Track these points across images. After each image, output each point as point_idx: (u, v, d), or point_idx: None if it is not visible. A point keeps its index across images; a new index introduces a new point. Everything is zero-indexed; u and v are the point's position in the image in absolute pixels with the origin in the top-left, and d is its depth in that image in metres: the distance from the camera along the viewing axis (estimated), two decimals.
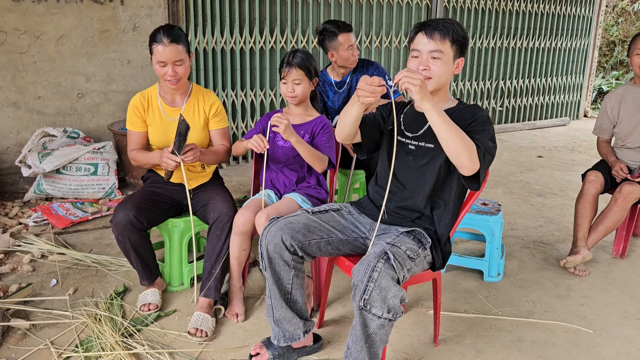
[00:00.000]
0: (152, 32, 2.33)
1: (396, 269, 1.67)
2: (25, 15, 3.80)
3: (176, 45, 2.30)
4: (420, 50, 1.86)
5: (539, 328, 2.35)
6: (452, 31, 1.84)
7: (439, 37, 1.83)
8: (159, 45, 2.28)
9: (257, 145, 2.24)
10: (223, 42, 4.67)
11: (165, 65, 2.31)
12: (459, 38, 1.86)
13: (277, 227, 1.90)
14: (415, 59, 1.88)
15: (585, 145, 6.27)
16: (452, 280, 2.77)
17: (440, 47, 1.83)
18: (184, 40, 2.35)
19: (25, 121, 3.97)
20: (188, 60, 2.39)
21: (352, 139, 2.01)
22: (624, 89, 3.08)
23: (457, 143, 1.70)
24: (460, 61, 1.90)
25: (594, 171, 3.01)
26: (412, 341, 2.23)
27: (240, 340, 2.21)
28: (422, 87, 1.64)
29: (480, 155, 1.75)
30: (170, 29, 2.32)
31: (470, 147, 1.72)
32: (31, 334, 2.17)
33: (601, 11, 7.76)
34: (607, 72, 10.01)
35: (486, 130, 1.85)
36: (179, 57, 2.32)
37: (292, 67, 2.36)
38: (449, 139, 1.70)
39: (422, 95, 1.65)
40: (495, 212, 2.79)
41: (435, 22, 1.86)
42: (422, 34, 1.86)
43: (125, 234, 2.28)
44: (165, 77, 2.35)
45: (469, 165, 1.73)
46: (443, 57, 1.84)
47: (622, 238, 3.09)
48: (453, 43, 1.85)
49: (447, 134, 1.69)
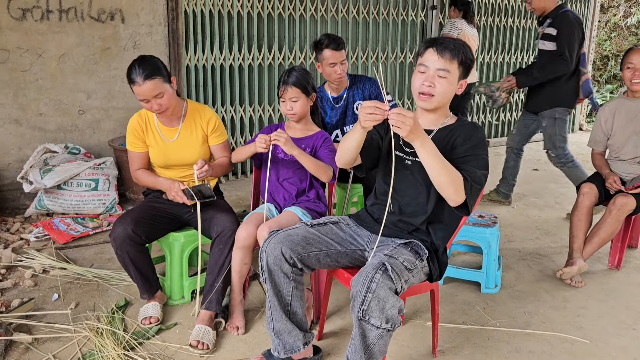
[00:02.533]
0: (127, 70, 2.30)
1: (394, 280, 1.70)
2: (28, 34, 3.86)
3: (151, 81, 2.26)
4: (429, 67, 1.89)
5: (536, 339, 2.38)
6: (462, 53, 1.88)
7: (449, 57, 1.86)
8: (135, 86, 2.27)
9: (261, 144, 2.27)
10: (222, 59, 4.74)
11: (147, 102, 2.31)
12: (467, 60, 1.89)
13: (277, 239, 1.93)
14: (422, 74, 1.90)
15: (580, 158, 6.28)
16: (449, 292, 2.80)
17: (449, 67, 1.87)
18: (160, 71, 2.30)
19: (27, 138, 4.01)
20: (170, 88, 2.35)
21: (353, 164, 2.05)
22: (617, 102, 3.15)
23: (443, 178, 1.78)
24: (463, 82, 1.94)
25: (588, 183, 3.06)
26: (410, 352, 2.25)
27: (241, 352, 2.23)
28: (412, 130, 1.67)
29: (467, 188, 1.82)
30: (142, 64, 2.27)
31: (456, 182, 1.79)
32: (33, 348, 2.19)
33: (594, 26, 7.88)
34: (601, 86, 10.11)
35: (478, 156, 1.89)
36: (157, 92, 2.29)
37: (288, 86, 2.40)
38: (437, 174, 1.78)
39: (412, 137, 1.70)
40: (491, 225, 2.83)
41: (446, 41, 1.89)
42: (433, 51, 1.88)
43: (123, 248, 2.32)
44: (151, 110, 2.37)
45: (454, 197, 1.82)
46: (449, 77, 1.88)
47: (617, 249, 3.12)
48: (460, 64, 1.89)
49: (435, 170, 1.77)
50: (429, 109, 1.95)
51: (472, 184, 1.84)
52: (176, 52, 4.41)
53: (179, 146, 2.51)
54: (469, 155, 1.88)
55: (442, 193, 1.84)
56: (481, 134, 1.95)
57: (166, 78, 2.34)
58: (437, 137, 1.96)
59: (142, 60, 2.31)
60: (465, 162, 1.87)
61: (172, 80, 2.39)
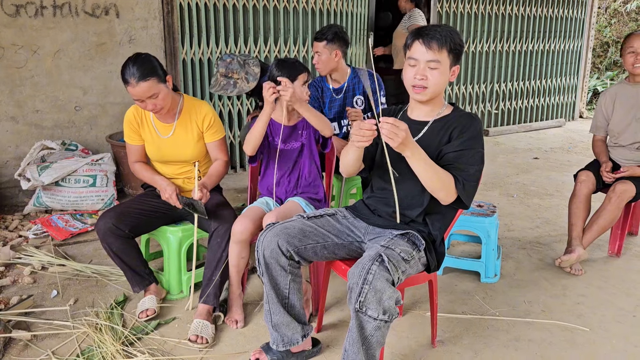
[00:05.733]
0: (122, 69, 2.26)
1: (390, 271, 1.69)
2: (22, 30, 3.84)
3: (145, 82, 2.22)
4: (418, 59, 1.86)
5: (536, 327, 2.37)
6: (450, 40, 1.83)
7: (437, 47, 1.82)
8: (129, 87, 2.24)
9: (268, 91, 2.25)
10: (218, 52, 4.71)
11: (142, 102, 2.29)
12: (456, 47, 1.86)
13: (273, 232, 1.92)
14: (412, 67, 1.88)
15: (581, 146, 6.31)
16: (449, 282, 2.80)
17: (438, 57, 1.83)
18: (154, 71, 2.26)
19: (24, 135, 4.00)
20: (165, 88, 2.32)
21: (357, 173, 2.09)
22: (618, 87, 3.12)
23: (435, 184, 1.83)
24: (456, 69, 1.91)
25: (585, 171, 3.05)
26: (409, 343, 2.25)
27: (240, 346, 2.23)
28: (403, 142, 1.70)
29: (459, 188, 1.85)
30: (137, 64, 2.23)
31: (447, 185, 1.83)
32: (33, 345, 2.19)
33: (593, 13, 7.83)
34: (601, 73, 10.07)
35: (474, 149, 1.87)
36: (151, 93, 2.26)
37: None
38: (428, 181, 1.83)
39: (403, 147, 1.72)
40: (490, 214, 2.82)
41: (432, 30, 1.84)
42: (420, 43, 1.85)
43: (105, 240, 2.38)
44: (146, 110, 2.35)
45: (446, 199, 1.87)
46: (440, 67, 1.84)
47: (617, 236, 3.11)
48: (450, 52, 1.85)
49: (426, 177, 1.81)
50: (424, 100, 1.93)
51: (464, 183, 1.85)
52: (172, 46, 4.39)
53: (173, 143, 2.50)
54: (465, 150, 1.87)
55: (433, 195, 1.88)
56: (478, 125, 1.92)
57: (161, 78, 2.30)
58: (433, 129, 1.94)
59: (137, 59, 2.25)
60: (460, 157, 1.86)
61: (167, 79, 2.35)
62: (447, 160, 1.87)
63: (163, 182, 2.45)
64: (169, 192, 2.38)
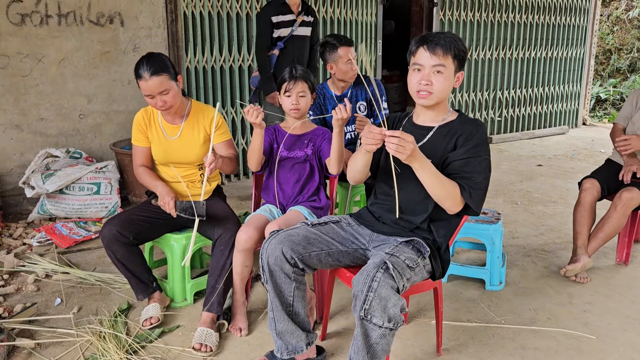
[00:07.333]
0: (135, 65, 2.34)
1: (395, 279, 1.69)
2: (27, 39, 3.86)
3: (158, 77, 2.30)
4: (423, 65, 1.87)
5: (542, 335, 2.35)
6: (454, 46, 1.85)
7: (442, 53, 1.84)
8: (141, 81, 2.31)
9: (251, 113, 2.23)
10: (222, 61, 4.73)
11: (152, 97, 2.34)
12: (460, 53, 1.87)
13: (277, 240, 1.92)
14: (418, 72, 1.89)
15: (584, 153, 6.29)
16: (454, 290, 2.78)
17: (443, 62, 1.85)
18: (167, 69, 2.34)
19: (28, 143, 4.02)
20: (176, 86, 2.38)
21: (365, 180, 2.09)
22: None
23: (442, 194, 1.83)
24: (460, 75, 1.92)
25: (590, 179, 3.03)
26: (415, 351, 2.23)
27: (244, 354, 2.22)
28: (412, 154, 1.71)
29: (465, 197, 1.85)
30: (150, 60, 2.32)
31: (453, 195, 1.84)
32: (36, 353, 2.19)
33: (596, 20, 7.83)
34: (604, 80, 10.05)
35: (480, 157, 1.88)
36: (162, 88, 2.32)
37: (297, 81, 2.39)
38: (435, 191, 1.84)
39: (411, 159, 1.73)
40: (495, 221, 2.81)
41: (436, 36, 1.86)
42: (424, 49, 1.86)
43: (110, 247, 2.39)
44: (155, 107, 2.40)
45: (452, 208, 1.88)
46: (445, 72, 1.86)
47: (624, 244, 3.09)
48: (455, 58, 1.86)
49: (433, 187, 1.83)
50: (429, 105, 1.93)
51: (471, 191, 1.85)
52: (176, 55, 4.41)
53: (180, 144, 2.52)
54: (471, 157, 1.87)
55: (440, 204, 1.88)
56: (483, 132, 1.92)
57: (173, 76, 2.37)
58: (438, 135, 1.95)
59: (151, 56, 2.36)
60: (466, 165, 1.86)
61: (178, 78, 2.42)
62: (453, 168, 1.87)
63: (163, 189, 2.46)
64: (167, 200, 2.40)
